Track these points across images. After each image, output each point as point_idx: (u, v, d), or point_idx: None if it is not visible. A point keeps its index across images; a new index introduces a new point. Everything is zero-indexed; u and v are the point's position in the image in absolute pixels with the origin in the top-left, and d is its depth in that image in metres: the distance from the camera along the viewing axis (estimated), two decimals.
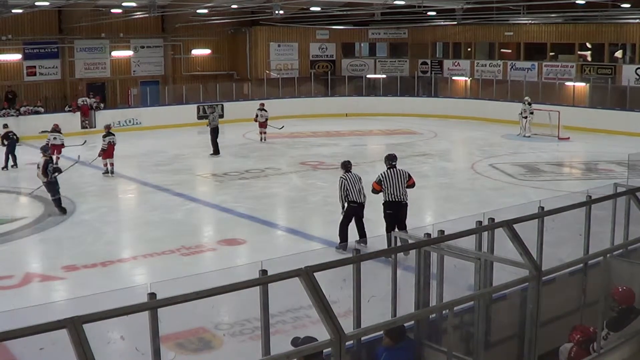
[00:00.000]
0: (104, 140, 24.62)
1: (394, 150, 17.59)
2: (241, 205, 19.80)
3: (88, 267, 14.43)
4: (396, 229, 14.20)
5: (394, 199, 14.52)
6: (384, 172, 14.73)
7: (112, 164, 24.61)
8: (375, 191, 14.77)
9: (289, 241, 16.69)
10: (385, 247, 7.25)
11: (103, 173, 24.42)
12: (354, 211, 14.85)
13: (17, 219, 18.61)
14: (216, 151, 28.49)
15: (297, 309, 10.84)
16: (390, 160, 14.89)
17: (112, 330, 8.54)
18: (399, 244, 7.83)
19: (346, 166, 15.16)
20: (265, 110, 32.19)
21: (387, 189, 14.53)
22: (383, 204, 14.69)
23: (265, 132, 31.98)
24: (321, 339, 5.28)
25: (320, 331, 5.33)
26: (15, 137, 26.41)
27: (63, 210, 18.71)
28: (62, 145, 25.80)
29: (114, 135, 25.07)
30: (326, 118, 39.42)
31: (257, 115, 32.00)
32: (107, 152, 24.52)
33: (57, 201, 18.79)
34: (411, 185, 14.76)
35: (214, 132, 28.68)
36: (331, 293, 5.54)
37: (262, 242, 16.38)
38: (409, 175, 14.77)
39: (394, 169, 14.71)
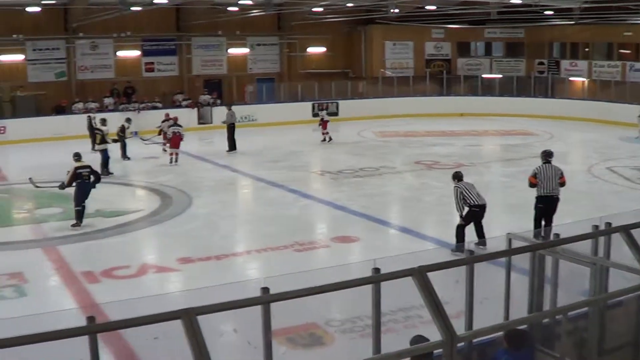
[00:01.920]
0: (167, 130, 25.86)
1: (510, 151, 17.41)
2: (355, 203, 19.81)
3: (203, 260, 14.70)
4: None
5: (547, 194, 14.80)
6: (539, 166, 15.04)
7: (176, 154, 25.67)
8: (531, 185, 15.06)
9: (402, 240, 16.62)
10: (501, 249, 7.15)
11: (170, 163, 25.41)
12: (475, 215, 14.70)
13: (133, 211, 19.09)
14: (232, 147, 28.67)
15: (409, 308, 10.79)
16: (547, 156, 15.20)
17: (225, 322, 8.70)
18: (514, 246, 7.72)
19: (458, 176, 15.09)
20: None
21: (542, 182, 14.81)
22: (536, 197, 14.92)
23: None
24: (432, 339, 5.26)
25: (431, 331, 5.31)
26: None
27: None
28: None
29: (178, 125, 26.27)
30: (441, 117, 39.16)
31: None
32: (173, 141, 25.58)
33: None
34: (562, 183, 14.97)
35: (231, 129, 28.81)
36: (443, 293, 5.51)
37: (375, 240, 16.35)
38: (561, 172, 14.99)
39: (549, 165, 15.00)
